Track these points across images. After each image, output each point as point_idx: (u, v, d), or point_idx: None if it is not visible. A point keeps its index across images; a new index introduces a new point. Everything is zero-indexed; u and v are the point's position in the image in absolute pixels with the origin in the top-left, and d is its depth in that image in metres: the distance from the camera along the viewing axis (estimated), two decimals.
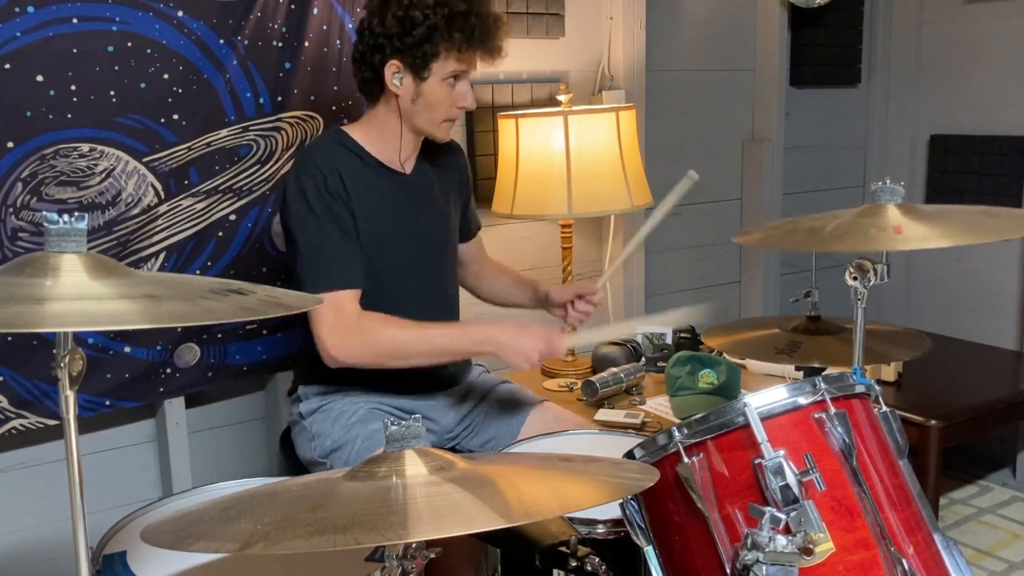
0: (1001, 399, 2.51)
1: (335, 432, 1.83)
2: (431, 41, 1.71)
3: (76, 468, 0.98)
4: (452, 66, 1.75)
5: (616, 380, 2.31)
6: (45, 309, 0.87)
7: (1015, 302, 3.13)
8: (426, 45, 1.71)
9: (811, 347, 1.81)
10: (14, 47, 1.80)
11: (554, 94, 2.56)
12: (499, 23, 1.77)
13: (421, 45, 1.71)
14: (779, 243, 1.68)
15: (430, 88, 1.75)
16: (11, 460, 2.06)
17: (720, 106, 3.15)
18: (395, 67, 1.74)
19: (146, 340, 2.06)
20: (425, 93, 1.76)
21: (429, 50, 1.71)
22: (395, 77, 1.75)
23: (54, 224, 0.95)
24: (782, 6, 3.10)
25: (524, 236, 2.71)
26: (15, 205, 1.87)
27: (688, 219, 3.11)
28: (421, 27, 1.70)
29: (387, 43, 1.72)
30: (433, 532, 0.87)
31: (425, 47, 1.71)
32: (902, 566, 1.13)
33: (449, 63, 1.74)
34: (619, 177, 2.41)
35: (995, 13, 3.13)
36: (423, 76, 1.74)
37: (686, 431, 1.18)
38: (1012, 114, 3.10)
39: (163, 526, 1.02)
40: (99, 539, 1.31)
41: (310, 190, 1.73)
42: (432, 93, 1.76)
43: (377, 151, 1.83)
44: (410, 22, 1.70)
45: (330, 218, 1.73)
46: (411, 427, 1.03)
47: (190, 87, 2.01)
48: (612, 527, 1.35)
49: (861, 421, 1.22)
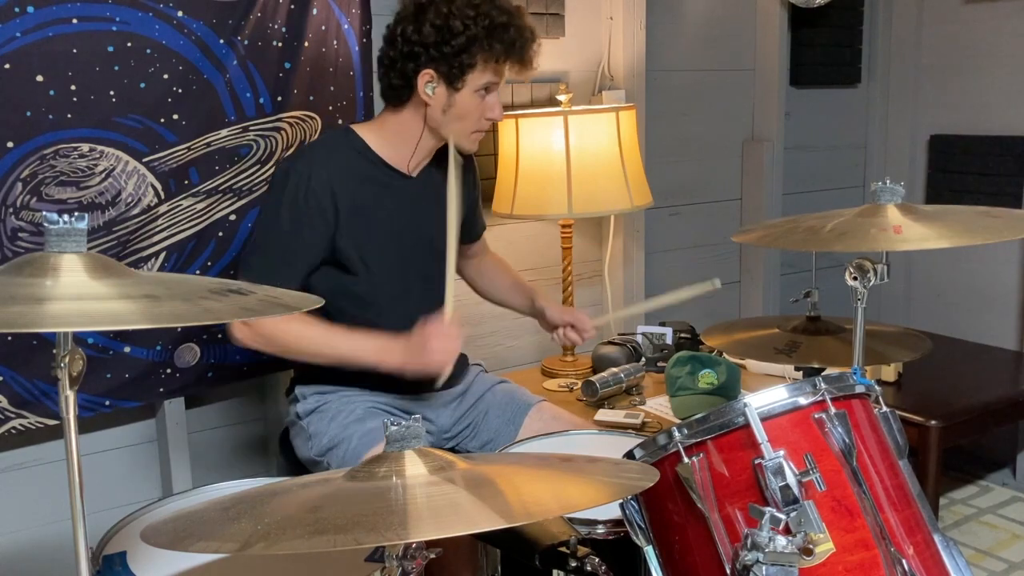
0: (1001, 399, 2.51)
1: (331, 430, 1.83)
2: (469, 51, 1.70)
3: (76, 468, 0.98)
4: (487, 77, 1.74)
5: (616, 380, 2.31)
6: (45, 309, 0.87)
7: (1015, 302, 3.13)
8: (464, 55, 1.70)
9: (811, 347, 1.81)
10: (14, 47, 1.80)
11: (554, 94, 2.56)
12: (534, 35, 1.77)
13: (459, 55, 1.70)
14: (779, 243, 1.68)
15: (463, 98, 1.75)
16: (11, 460, 2.06)
17: (720, 106, 3.15)
18: (429, 76, 1.73)
19: (146, 340, 2.06)
20: (457, 103, 1.75)
21: (467, 60, 1.70)
22: (428, 86, 1.74)
23: (54, 224, 0.95)
24: (782, 6, 3.10)
25: (524, 236, 2.71)
26: (15, 205, 1.87)
27: (688, 219, 3.11)
28: (460, 37, 1.69)
29: (423, 52, 1.71)
30: (433, 532, 0.87)
31: (463, 57, 1.70)
32: (902, 566, 1.13)
33: (485, 75, 1.74)
34: (619, 177, 2.41)
35: (995, 13, 3.12)
36: (457, 87, 1.73)
37: (686, 431, 1.18)
38: (1012, 114, 3.10)
39: (163, 526, 1.02)
40: (99, 539, 1.31)
41: (290, 185, 1.73)
42: (464, 104, 1.75)
43: (386, 153, 1.83)
44: (449, 32, 1.69)
45: (292, 217, 1.73)
46: (411, 427, 1.03)
47: (190, 87, 2.01)
48: (612, 527, 1.35)
49: (861, 421, 1.22)
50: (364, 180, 1.79)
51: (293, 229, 1.73)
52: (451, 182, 1.74)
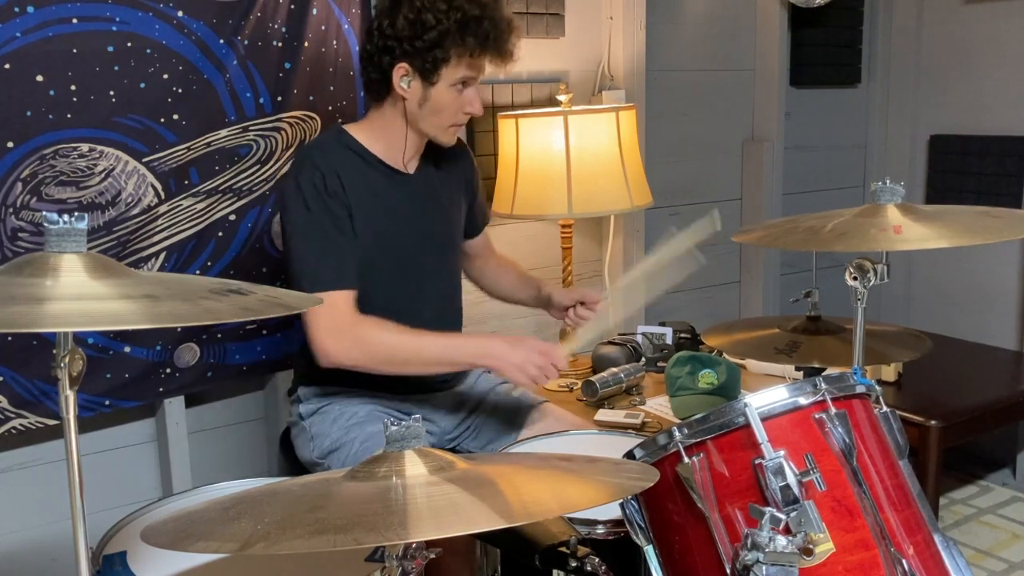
0: (1001, 399, 2.51)
1: (333, 433, 1.83)
2: (442, 46, 1.68)
3: (76, 468, 0.98)
4: (462, 72, 1.73)
5: (616, 380, 2.31)
6: (45, 309, 0.87)
7: (1015, 302, 3.13)
8: (437, 50, 1.68)
9: (811, 347, 1.81)
10: (14, 47, 1.80)
11: (554, 94, 2.56)
12: (511, 27, 1.75)
13: (432, 49, 1.68)
14: (779, 243, 1.68)
15: (438, 93, 1.73)
16: (11, 460, 2.06)
17: (720, 106, 3.15)
18: (403, 70, 1.72)
19: (146, 340, 2.06)
20: (432, 98, 1.74)
21: (440, 55, 1.69)
22: (403, 80, 1.72)
23: (54, 224, 0.95)
24: (782, 6, 3.10)
25: (524, 236, 2.71)
26: (15, 205, 1.87)
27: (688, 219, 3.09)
28: (433, 31, 1.67)
29: (396, 45, 1.70)
30: (433, 532, 0.87)
31: (436, 52, 1.68)
32: (902, 566, 1.13)
33: (459, 69, 1.72)
34: (619, 177, 2.41)
35: (995, 13, 3.13)
36: (432, 81, 1.72)
37: (686, 431, 1.18)
38: (1012, 114, 3.10)
39: (163, 526, 1.02)
40: (99, 539, 1.31)
41: (307, 189, 1.71)
42: (440, 98, 1.74)
43: (380, 151, 1.82)
44: (421, 25, 1.67)
45: (327, 217, 1.72)
46: (411, 427, 1.03)
47: (190, 87, 2.01)
48: (612, 527, 1.35)
49: (861, 421, 1.22)
50: (363, 177, 1.79)
51: (333, 225, 1.72)
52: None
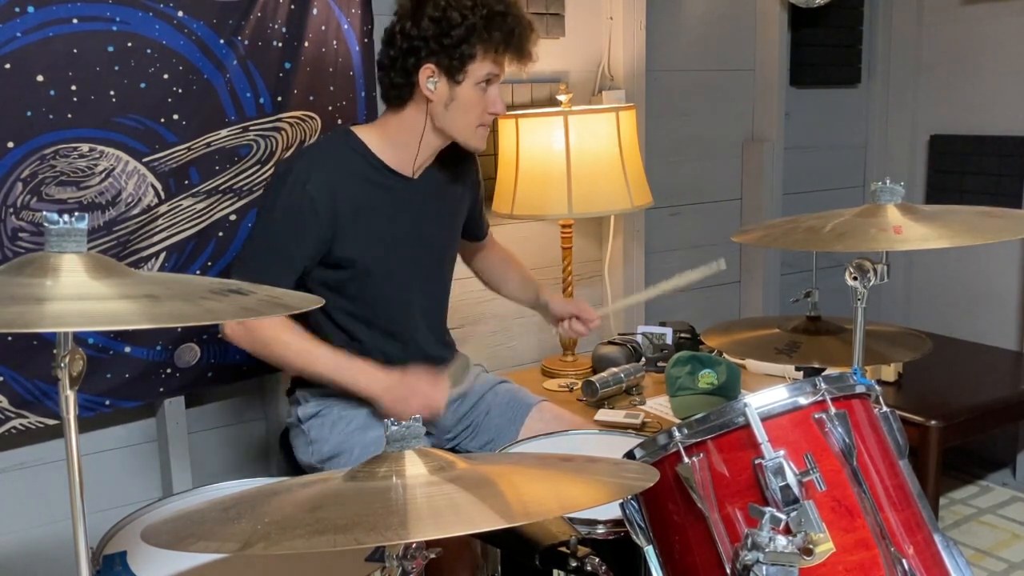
0: (1001, 399, 2.51)
1: (333, 439, 1.83)
2: (469, 41, 1.69)
3: (76, 468, 0.98)
4: (487, 68, 1.74)
5: (616, 380, 2.31)
6: (45, 309, 0.87)
7: (1015, 302, 3.13)
8: (464, 46, 1.69)
9: (811, 347, 1.81)
10: (14, 47, 1.80)
11: (554, 94, 2.56)
12: (532, 27, 1.78)
13: (459, 46, 1.69)
14: (779, 243, 1.68)
15: (464, 92, 1.74)
16: (11, 460, 2.06)
17: (720, 106, 3.15)
18: (430, 71, 1.73)
19: (146, 340, 2.06)
20: (459, 97, 1.74)
21: (467, 51, 1.70)
22: (429, 81, 1.73)
23: (54, 224, 0.95)
24: (782, 6, 3.10)
25: (524, 236, 2.71)
26: (15, 205, 1.87)
27: (688, 219, 3.11)
28: (459, 28, 1.68)
29: (422, 45, 1.71)
30: (433, 532, 0.87)
31: (463, 48, 1.70)
32: (902, 566, 1.13)
33: (485, 65, 1.73)
34: (619, 177, 2.41)
35: (995, 13, 3.12)
36: (458, 79, 1.73)
37: (686, 431, 1.18)
38: (1012, 114, 3.10)
39: (163, 526, 1.02)
40: (99, 539, 1.31)
41: (287, 185, 1.73)
42: (466, 97, 1.75)
43: (387, 155, 1.82)
44: (447, 23, 1.69)
45: (287, 217, 1.73)
46: (411, 427, 1.03)
47: (190, 87, 2.01)
48: (612, 527, 1.35)
49: (861, 421, 1.22)
50: (365, 182, 1.79)
51: (287, 229, 1.73)
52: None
